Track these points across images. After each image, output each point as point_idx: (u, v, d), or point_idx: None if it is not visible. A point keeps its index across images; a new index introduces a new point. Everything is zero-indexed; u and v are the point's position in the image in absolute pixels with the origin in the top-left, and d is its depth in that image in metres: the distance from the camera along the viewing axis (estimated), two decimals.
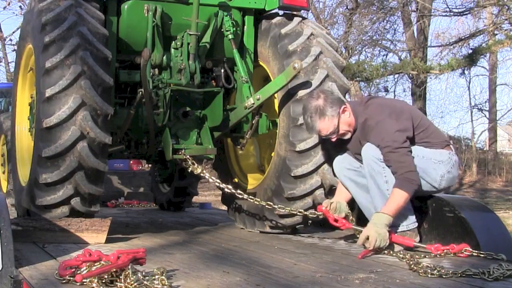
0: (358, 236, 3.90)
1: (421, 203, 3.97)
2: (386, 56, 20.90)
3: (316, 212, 4.16)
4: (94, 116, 3.94)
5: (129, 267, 2.76)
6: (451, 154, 3.98)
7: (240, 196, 4.33)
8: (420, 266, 3.19)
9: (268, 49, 4.68)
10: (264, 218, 4.64)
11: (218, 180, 4.50)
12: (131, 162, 8.58)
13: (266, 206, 4.27)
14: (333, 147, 4.13)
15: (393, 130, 3.74)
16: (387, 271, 3.19)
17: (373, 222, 3.69)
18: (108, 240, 3.96)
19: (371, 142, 3.82)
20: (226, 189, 4.40)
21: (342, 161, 4.08)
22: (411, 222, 3.85)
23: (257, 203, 4.31)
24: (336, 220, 4.05)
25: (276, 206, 4.26)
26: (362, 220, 4.12)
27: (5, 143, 6.87)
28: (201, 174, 4.42)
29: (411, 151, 3.77)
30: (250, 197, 4.34)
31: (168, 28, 4.52)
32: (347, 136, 3.97)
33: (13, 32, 23.24)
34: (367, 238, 3.65)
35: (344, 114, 3.90)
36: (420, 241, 3.85)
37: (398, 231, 3.81)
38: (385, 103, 4.00)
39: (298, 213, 4.24)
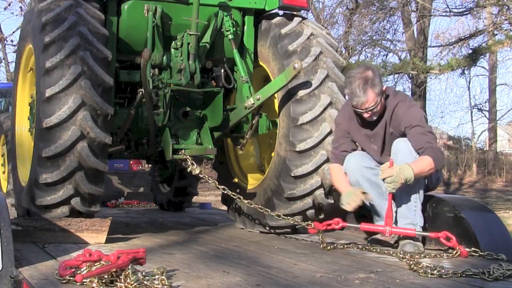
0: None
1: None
2: (386, 56, 20.89)
3: (309, 223, 4.19)
4: (94, 116, 3.94)
5: (129, 267, 2.76)
6: None
7: (234, 197, 4.35)
8: (420, 266, 3.19)
9: (268, 49, 4.68)
10: (264, 218, 4.64)
11: (215, 181, 4.50)
12: (131, 162, 8.58)
13: (263, 211, 4.30)
14: (350, 135, 4.09)
15: (423, 117, 3.92)
16: (387, 271, 3.19)
17: (399, 166, 3.72)
18: (108, 240, 3.96)
19: (402, 122, 3.87)
20: (222, 190, 4.41)
21: (361, 160, 4.05)
22: (417, 225, 3.86)
23: (251, 206, 4.34)
24: (329, 224, 4.10)
25: (272, 213, 4.27)
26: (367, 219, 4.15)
27: (5, 143, 6.87)
28: (200, 175, 4.42)
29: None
30: (247, 201, 4.35)
31: (168, 28, 4.52)
32: (374, 118, 3.94)
33: (13, 32, 23.26)
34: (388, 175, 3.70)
35: (384, 95, 3.90)
36: (423, 244, 3.87)
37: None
38: (410, 97, 4.14)
39: (292, 222, 4.27)
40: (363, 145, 4.10)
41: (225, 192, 4.38)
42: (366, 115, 3.92)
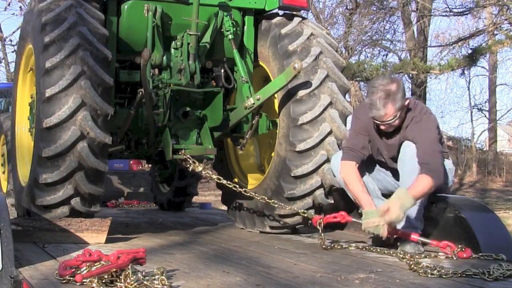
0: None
1: None
2: (386, 56, 20.87)
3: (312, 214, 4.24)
4: (94, 116, 3.94)
5: (129, 267, 2.76)
6: (451, 163, 4.16)
7: (247, 194, 4.36)
8: (420, 266, 3.19)
9: (268, 49, 4.68)
10: (264, 218, 4.64)
11: (219, 176, 4.50)
12: (131, 162, 8.58)
13: (272, 204, 4.32)
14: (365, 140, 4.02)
15: (435, 131, 3.86)
16: (387, 271, 3.19)
17: (399, 197, 3.65)
18: (108, 240, 3.96)
19: (413, 137, 3.83)
20: (228, 185, 4.41)
21: None
22: (418, 229, 3.86)
23: (263, 201, 4.35)
24: (334, 217, 4.10)
25: (282, 204, 4.29)
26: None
27: (5, 143, 6.87)
28: (203, 172, 4.42)
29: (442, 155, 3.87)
30: (257, 195, 4.37)
31: (168, 28, 4.52)
32: (390, 130, 3.88)
33: (13, 32, 23.25)
34: (387, 211, 3.63)
35: (405, 109, 3.83)
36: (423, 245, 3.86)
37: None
38: (427, 108, 4.06)
39: (301, 214, 4.28)
40: (376, 146, 4.02)
41: (220, 181, 4.42)
42: (382, 127, 3.86)
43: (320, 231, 4.05)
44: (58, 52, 3.92)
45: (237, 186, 4.43)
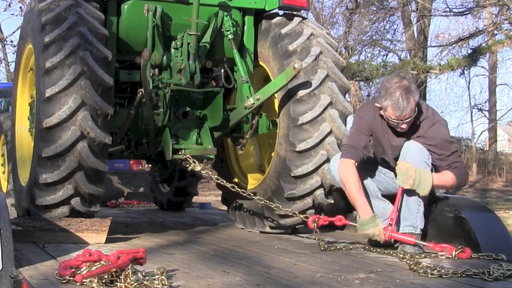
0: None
1: None
2: (386, 56, 20.87)
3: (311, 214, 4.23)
4: (94, 116, 3.94)
5: (129, 267, 2.76)
6: None
7: (244, 195, 4.36)
8: (420, 266, 3.19)
9: (268, 49, 4.68)
10: (264, 218, 4.64)
11: (218, 177, 4.50)
12: (131, 162, 8.59)
13: (273, 206, 4.31)
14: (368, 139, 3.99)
15: (447, 134, 3.89)
16: (387, 271, 3.19)
17: (421, 169, 3.69)
18: (108, 240, 3.96)
19: (426, 139, 3.81)
20: (216, 180, 4.42)
21: None
22: (418, 228, 3.85)
23: (261, 202, 4.34)
24: (331, 221, 4.10)
25: (280, 207, 4.28)
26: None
27: (5, 143, 6.87)
28: (202, 172, 4.43)
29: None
30: (258, 198, 4.37)
31: (168, 28, 4.52)
32: (408, 127, 3.80)
33: (13, 33, 23.26)
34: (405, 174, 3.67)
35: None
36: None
37: (404, 231, 3.83)
38: (433, 110, 4.02)
39: (299, 216, 4.27)
40: (380, 146, 3.99)
41: (218, 181, 4.43)
42: (404, 126, 3.77)
43: (315, 230, 4.05)
44: (58, 52, 3.93)
45: (235, 186, 4.42)
